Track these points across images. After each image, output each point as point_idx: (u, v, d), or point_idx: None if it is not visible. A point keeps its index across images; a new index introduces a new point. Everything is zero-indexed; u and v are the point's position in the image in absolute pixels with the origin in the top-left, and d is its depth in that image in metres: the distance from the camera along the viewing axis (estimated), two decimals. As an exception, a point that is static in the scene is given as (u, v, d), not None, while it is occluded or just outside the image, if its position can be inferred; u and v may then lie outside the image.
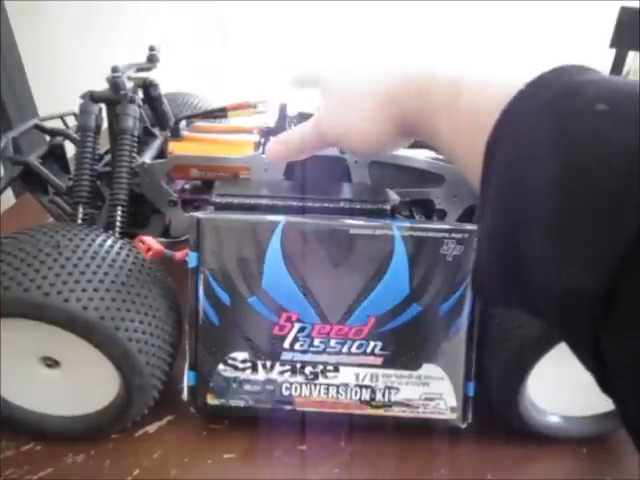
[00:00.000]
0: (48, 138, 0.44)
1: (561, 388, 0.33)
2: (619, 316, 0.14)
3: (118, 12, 0.97)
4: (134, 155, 0.38)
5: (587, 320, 0.15)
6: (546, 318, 0.18)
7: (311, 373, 0.32)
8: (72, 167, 0.41)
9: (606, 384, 0.16)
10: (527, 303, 0.18)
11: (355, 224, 0.30)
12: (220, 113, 0.38)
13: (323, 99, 0.30)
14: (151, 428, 0.34)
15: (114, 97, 0.39)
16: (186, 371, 0.32)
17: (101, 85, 0.40)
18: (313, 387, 0.32)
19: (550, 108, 0.17)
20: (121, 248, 0.31)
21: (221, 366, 0.32)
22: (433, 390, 0.32)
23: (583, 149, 0.15)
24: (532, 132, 0.17)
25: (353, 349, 0.31)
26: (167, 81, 0.49)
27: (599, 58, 0.98)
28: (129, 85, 0.39)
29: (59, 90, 0.70)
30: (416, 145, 0.42)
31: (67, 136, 0.44)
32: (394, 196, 0.35)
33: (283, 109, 0.40)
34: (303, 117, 0.40)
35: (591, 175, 0.15)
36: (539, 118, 0.17)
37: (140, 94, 0.44)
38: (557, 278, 0.16)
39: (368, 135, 0.28)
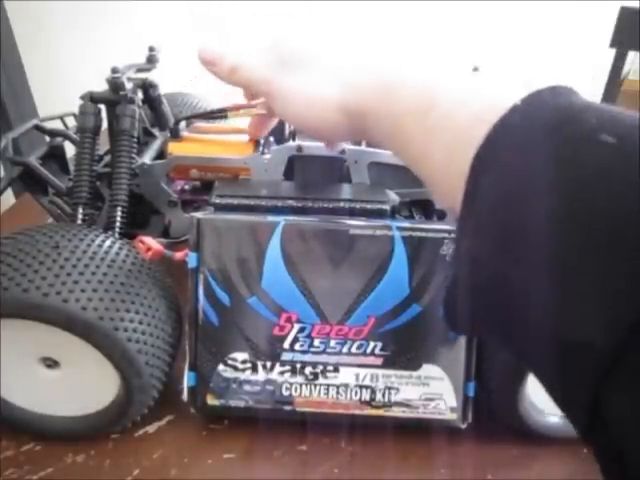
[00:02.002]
0: (48, 139, 0.44)
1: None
2: (631, 372, 0.13)
3: (118, 12, 0.97)
4: (134, 156, 0.38)
5: (589, 373, 0.14)
6: (529, 359, 0.17)
7: (311, 373, 0.32)
8: (72, 168, 0.41)
9: (589, 437, 0.15)
10: (507, 339, 0.17)
11: (355, 224, 0.30)
12: (220, 114, 0.37)
13: (274, 49, 0.26)
14: (151, 428, 0.34)
15: (114, 98, 0.39)
16: (186, 371, 0.32)
17: (101, 86, 0.40)
18: (313, 387, 0.32)
19: (548, 132, 0.15)
20: (120, 248, 0.31)
21: (221, 366, 0.32)
22: (433, 390, 0.32)
23: (589, 184, 0.14)
24: (529, 157, 0.15)
25: (353, 349, 0.31)
26: (167, 81, 0.49)
27: (599, 58, 0.98)
28: (129, 86, 0.39)
29: (59, 90, 0.69)
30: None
31: (67, 137, 0.44)
32: (393, 196, 0.35)
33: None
34: None
35: (599, 215, 0.13)
36: (536, 142, 0.16)
37: (140, 95, 0.44)
38: (556, 325, 0.14)
39: (312, 108, 0.24)
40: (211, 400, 0.32)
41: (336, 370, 0.32)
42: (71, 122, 0.45)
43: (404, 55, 0.23)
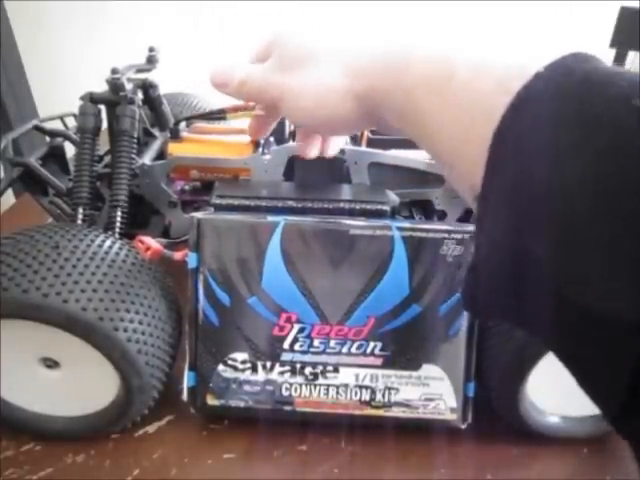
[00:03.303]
0: (48, 139, 0.44)
1: (561, 388, 0.33)
2: None
3: (118, 12, 0.97)
4: (134, 156, 0.38)
5: (622, 351, 0.13)
6: (551, 343, 0.16)
7: (311, 374, 0.32)
8: (72, 168, 0.41)
9: (623, 424, 0.14)
10: (529, 319, 0.16)
11: (355, 224, 0.30)
12: (219, 115, 0.38)
13: (275, 53, 0.26)
14: (151, 428, 0.34)
15: (114, 98, 0.39)
16: (186, 371, 0.32)
17: (101, 86, 0.40)
18: (313, 388, 0.32)
19: (576, 98, 0.15)
20: (120, 248, 0.31)
21: (221, 367, 0.32)
22: (433, 391, 0.32)
23: (621, 150, 0.13)
24: (556, 124, 0.15)
25: (353, 350, 0.31)
26: (167, 81, 0.49)
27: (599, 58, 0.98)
28: (129, 86, 0.39)
29: (59, 90, 0.69)
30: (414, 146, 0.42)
31: (67, 137, 0.44)
32: (393, 197, 0.35)
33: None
34: None
35: (634, 181, 0.13)
36: (564, 109, 0.15)
37: (140, 95, 0.44)
38: (580, 301, 0.14)
39: (323, 96, 0.24)
40: (211, 400, 0.32)
41: (336, 370, 0.32)
42: (71, 122, 0.45)
43: (406, 34, 0.22)
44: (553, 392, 0.33)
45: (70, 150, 0.44)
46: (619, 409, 0.14)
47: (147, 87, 0.45)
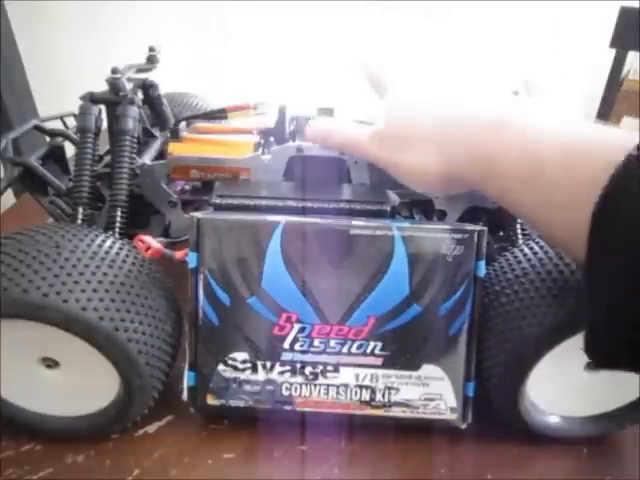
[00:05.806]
0: (48, 139, 0.44)
1: (561, 388, 0.33)
2: None
3: (118, 12, 0.97)
4: (134, 156, 0.38)
5: None
6: None
7: (311, 373, 0.32)
8: (72, 168, 0.41)
9: None
10: None
11: (355, 224, 0.30)
12: (220, 114, 0.38)
13: (384, 120, 0.30)
14: (151, 428, 0.34)
15: (114, 98, 0.39)
16: (186, 371, 0.32)
17: (101, 85, 0.40)
18: (313, 387, 0.32)
19: None
20: (120, 248, 0.31)
21: (221, 366, 0.32)
22: (433, 390, 0.32)
23: None
24: None
25: (353, 349, 0.31)
26: (167, 81, 0.49)
27: (599, 58, 0.98)
28: (129, 86, 0.39)
29: (59, 90, 0.70)
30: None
31: (67, 137, 0.44)
32: (393, 197, 0.35)
33: (282, 110, 0.40)
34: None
35: None
36: None
37: (140, 95, 0.44)
38: None
39: (419, 176, 0.28)
40: (211, 400, 0.32)
41: (336, 370, 0.32)
42: (71, 122, 0.45)
43: (496, 111, 0.25)
44: (553, 392, 0.33)
45: (70, 150, 0.44)
46: None
47: (147, 87, 0.45)
